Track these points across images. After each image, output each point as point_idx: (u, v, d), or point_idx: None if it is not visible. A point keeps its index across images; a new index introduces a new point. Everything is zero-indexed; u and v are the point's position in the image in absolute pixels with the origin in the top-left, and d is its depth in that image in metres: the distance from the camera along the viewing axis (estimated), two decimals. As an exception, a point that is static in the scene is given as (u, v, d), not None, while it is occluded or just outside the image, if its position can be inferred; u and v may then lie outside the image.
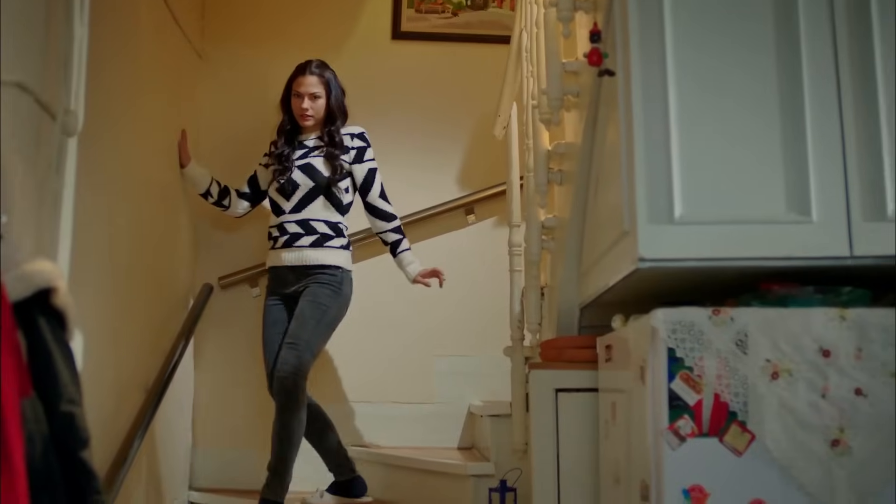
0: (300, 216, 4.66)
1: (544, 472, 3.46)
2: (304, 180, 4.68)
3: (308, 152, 4.77)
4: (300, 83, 4.76)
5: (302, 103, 4.74)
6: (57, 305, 1.95)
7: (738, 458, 2.64)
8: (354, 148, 4.78)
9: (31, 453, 1.68)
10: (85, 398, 1.99)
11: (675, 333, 2.65)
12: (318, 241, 4.63)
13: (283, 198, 4.71)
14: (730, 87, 2.76)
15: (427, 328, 5.53)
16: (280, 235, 4.68)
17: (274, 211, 4.77)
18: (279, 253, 4.68)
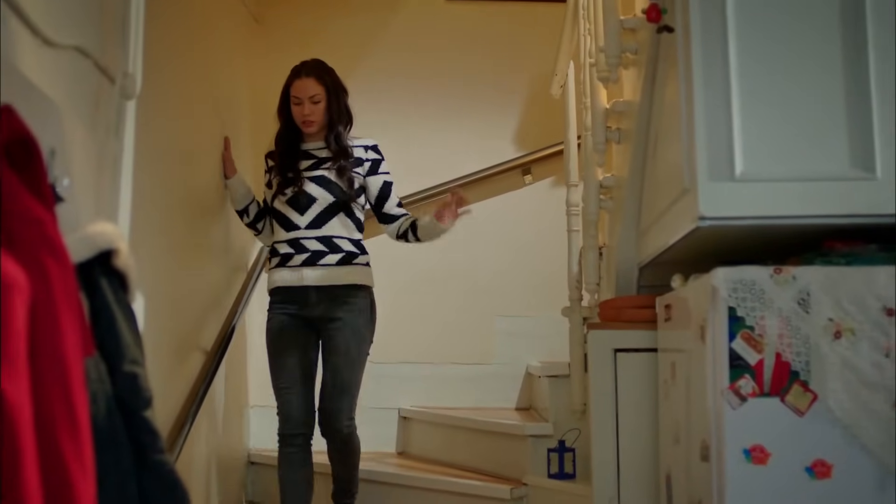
0: (320, 232, 4.18)
1: (603, 432, 3.46)
2: (322, 194, 4.20)
3: (318, 163, 4.28)
4: (297, 87, 4.25)
5: (303, 109, 4.23)
6: (118, 267, 1.97)
7: (800, 417, 2.62)
8: (369, 160, 4.34)
9: (95, 412, 1.70)
10: (146, 359, 2.01)
11: (735, 292, 2.63)
12: (345, 259, 4.18)
13: (295, 211, 4.20)
14: (792, 41, 2.71)
15: (485, 289, 5.53)
16: (297, 252, 4.17)
17: (283, 225, 4.23)
18: (298, 271, 4.15)
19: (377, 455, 5.09)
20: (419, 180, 5.40)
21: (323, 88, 4.24)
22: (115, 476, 1.76)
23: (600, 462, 3.44)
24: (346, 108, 4.34)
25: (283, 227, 4.22)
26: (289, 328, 4.14)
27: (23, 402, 1.40)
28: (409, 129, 5.63)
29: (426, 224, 4.28)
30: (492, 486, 4.33)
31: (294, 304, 4.14)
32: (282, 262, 4.18)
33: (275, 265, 4.21)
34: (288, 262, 4.16)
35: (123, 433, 1.81)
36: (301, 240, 4.17)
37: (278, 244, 4.22)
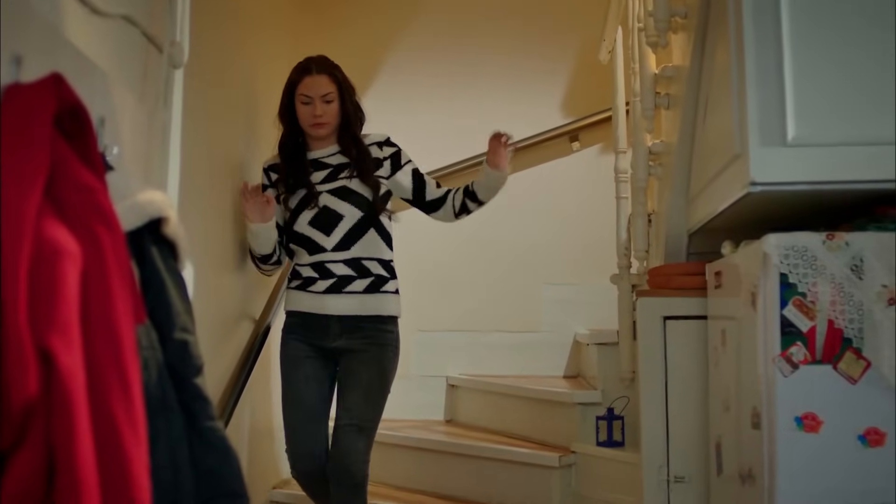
0: (349, 254, 3.67)
1: (652, 400, 3.45)
2: (349, 210, 3.70)
3: (335, 172, 3.77)
4: (308, 85, 3.74)
5: (314, 109, 3.72)
6: (168, 235, 1.98)
7: (853, 385, 2.59)
8: (387, 157, 3.86)
9: (147, 379, 1.71)
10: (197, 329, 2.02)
11: (787, 259, 2.60)
12: (374, 286, 3.68)
13: (320, 232, 3.69)
14: (846, 2, 2.66)
15: (532, 257, 5.51)
16: (321, 278, 3.68)
17: (306, 248, 3.73)
18: (321, 299, 3.68)
19: (425, 423, 5.11)
20: (466, 148, 5.37)
21: (335, 86, 3.75)
22: (167, 442, 1.78)
23: (649, 430, 3.43)
24: (360, 107, 3.87)
25: (306, 250, 3.72)
26: (306, 359, 3.68)
27: (76, 370, 1.41)
28: (455, 99, 5.60)
29: (484, 181, 3.85)
30: (540, 454, 4.33)
31: (313, 333, 3.68)
32: (303, 285, 3.71)
33: (295, 286, 3.75)
34: (310, 286, 3.69)
35: (174, 400, 1.83)
36: (326, 263, 3.68)
37: (301, 267, 3.75)
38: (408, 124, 5.47)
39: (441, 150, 5.36)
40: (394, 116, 5.46)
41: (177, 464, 1.80)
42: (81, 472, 1.36)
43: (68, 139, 1.63)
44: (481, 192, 3.88)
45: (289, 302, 3.78)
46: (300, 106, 3.75)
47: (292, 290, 3.75)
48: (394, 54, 5.62)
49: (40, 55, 1.64)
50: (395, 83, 5.64)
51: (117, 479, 1.44)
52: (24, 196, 1.45)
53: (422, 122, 5.51)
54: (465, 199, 3.90)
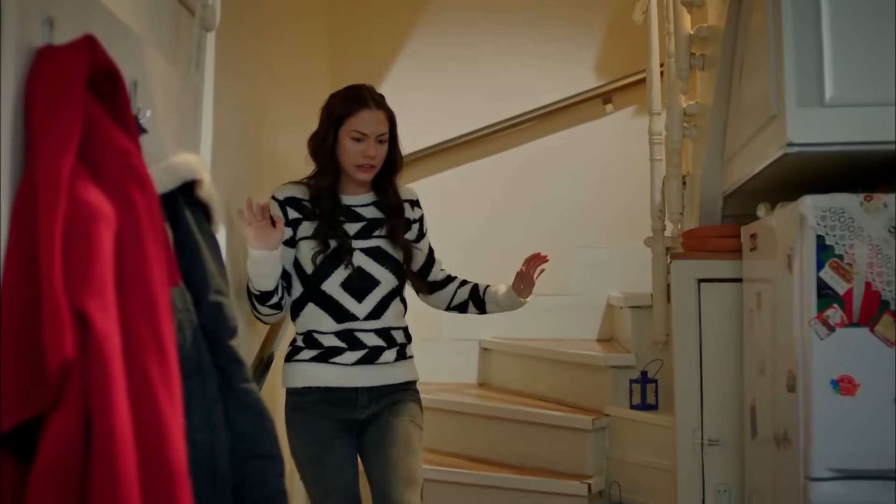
0: (379, 324, 3.16)
1: (686, 363, 3.44)
2: (385, 276, 3.18)
3: (369, 228, 3.21)
4: (364, 121, 3.14)
5: (367, 149, 3.13)
6: (202, 197, 1.98)
7: (890, 348, 2.57)
8: (416, 220, 3.34)
9: (182, 341, 1.72)
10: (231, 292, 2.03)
11: (824, 221, 2.58)
12: (400, 354, 3.22)
13: (352, 297, 3.14)
14: (886, -39, 2.62)
15: (565, 221, 5.48)
16: (350, 348, 3.13)
17: (332, 313, 3.14)
18: (349, 371, 3.13)
19: (458, 386, 5.11)
20: (497, 110, 5.34)
21: (389, 126, 3.21)
22: (202, 403, 1.79)
23: (683, 393, 3.43)
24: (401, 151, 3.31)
25: (332, 316, 3.13)
26: (335, 439, 3.13)
27: (111, 331, 1.41)
28: (484, 60, 5.56)
29: (502, 301, 3.41)
30: (573, 417, 4.33)
31: (337, 408, 3.14)
32: (324, 356, 3.13)
33: (311, 358, 3.15)
34: (334, 357, 3.12)
35: (209, 362, 1.83)
36: (356, 332, 3.14)
37: (321, 335, 3.14)
38: (436, 87, 5.46)
39: (470, 114, 5.34)
40: (422, 79, 5.45)
41: (212, 425, 1.81)
42: (117, 433, 1.37)
43: (101, 101, 1.63)
44: (491, 306, 3.43)
45: (299, 377, 3.16)
46: (348, 141, 3.13)
47: (306, 362, 3.14)
48: (423, 17, 5.58)
49: (73, 17, 1.63)
50: (423, 46, 5.60)
51: (153, 441, 1.44)
52: (59, 159, 1.45)
53: (450, 86, 5.48)
54: (470, 302, 3.43)
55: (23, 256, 1.39)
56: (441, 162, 5.43)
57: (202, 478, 1.73)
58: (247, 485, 1.89)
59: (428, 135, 5.27)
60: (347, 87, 3.22)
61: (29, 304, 1.36)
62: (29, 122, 1.51)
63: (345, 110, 3.15)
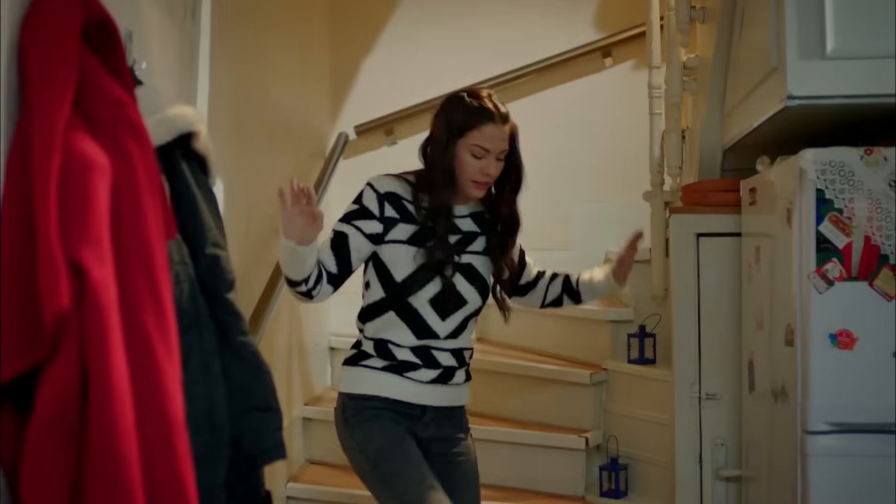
0: (456, 343, 2.90)
1: (684, 317, 3.44)
2: (473, 297, 2.89)
3: (463, 242, 2.90)
4: (488, 136, 2.79)
5: (486, 166, 2.80)
6: (198, 150, 1.97)
7: (889, 302, 2.57)
8: None
9: (179, 294, 1.71)
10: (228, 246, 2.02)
11: (824, 174, 2.57)
12: (467, 374, 2.98)
13: (437, 315, 2.84)
14: None
15: (564, 175, 5.46)
16: (425, 366, 2.85)
17: (413, 326, 2.83)
18: (422, 388, 2.86)
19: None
20: (495, 64, 5.31)
21: (510, 144, 2.89)
22: (199, 356, 1.78)
23: (681, 347, 3.43)
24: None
25: (412, 329, 2.83)
26: (409, 442, 2.86)
27: (108, 283, 1.41)
28: (483, 14, 5.52)
29: (600, 288, 3.10)
30: (571, 371, 4.33)
31: (402, 417, 2.87)
32: (398, 368, 2.85)
33: (383, 367, 2.85)
34: (408, 372, 2.85)
35: (207, 314, 1.83)
36: (433, 351, 2.86)
37: (396, 347, 2.84)
38: (435, 41, 5.42)
39: (469, 68, 5.30)
40: (421, 33, 5.41)
41: (210, 378, 1.81)
42: (114, 385, 1.37)
43: (96, 52, 1.61)
44: (587, 295, 3.10)
45: (367, 384, 2.87)
46: (467, 156, 2.78)
47: (377, 370, 2.85)
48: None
49: (66, -34, 1.62)
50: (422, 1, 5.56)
51: (150, 393, 1.44)
52: (54, 110, 1.44)
53: (449, 40, 5.44)
54: (564, 295, 3.12)
55: (18, 208, 1.39)
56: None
57: (200, 430, 1.73)
58: (245, 437, 1.89)
59: (427, 89, 5.23)
60: (468, 92, 2.84)
61: (25, 256, 1.35)
62: (23, 73, 1.49)
63: (467, 122, 2.78)
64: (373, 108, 5.37)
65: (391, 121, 5.36)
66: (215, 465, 1.79)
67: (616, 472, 4.03)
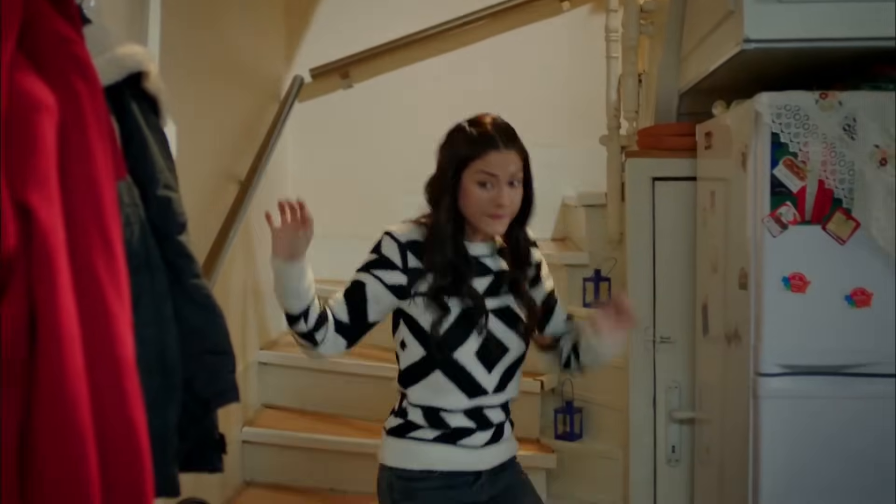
0: (504, 396, 2.54)
1: (640, 261, 3.46)
2: (517, 343, 2.52)
3: (496, 283, 2.53)
4: (494, 162, 2.44)
5: (499, 196, 2.43)
6: (148, 90, 1.93)
7: (842, 246, 2.59)
8: (537, 263, 2.64)
9: (129, 236, 1.69)
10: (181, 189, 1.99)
11: (779, 118, 2.57)
12: (513, 425, 2.63)
13: (484, 368, 2.47)
14: None
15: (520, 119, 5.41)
16: (479, 428, 2.50)
17: (466, 388, 2.46)
18: (477, 454, 2.51)
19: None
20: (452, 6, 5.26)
21: (522, 167, 2.51)
22: (151, 298, 1.76)
23: (636, 291, 3.45)
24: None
25: (463, 389, 2.47)
26: None
27: (55, 224, 1.38)
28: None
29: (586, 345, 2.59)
30: (527, 315, 4.35)
31: (456, 492, 2.54)
32: (452, 437, 2.49)
33: (435, 438, 2.49)
34: (462, 439, 2.50)
35: (158, 257, 1.81)
36: (485, 410, 2.51)
37: (448, 413, 2.49)
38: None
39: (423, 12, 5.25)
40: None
41: (161, 321, 1.79)
42: (63, 327, 1.35)
43: (42, -12, 1.57)
44: (585, 356, 2.62)
45: (419, 458, 2.51)
46: (473, 187, 2.44)
47: (428, 442, 2.50)
48: None
49: None
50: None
51: (100, 335, 1.42)
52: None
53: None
54: (571, 357, 2.66)
55: (-38, 147, 1.36)
56: (393, 61, 5.35)
57: (152, 373, 1.72)
58: (198, 380, 1.88)
59: (383, 32, 5.19)
60: (469, 120, 2.55)
61: (-31, 196, 1.32)
62: (-35, 9, 1.46)
63: (468, 153, 2.46)
64: (329, 51, 5.32)
65: (347, 64, 5.31)
66: (167, 408, 1.78)
67: (571, 414, 4.06)
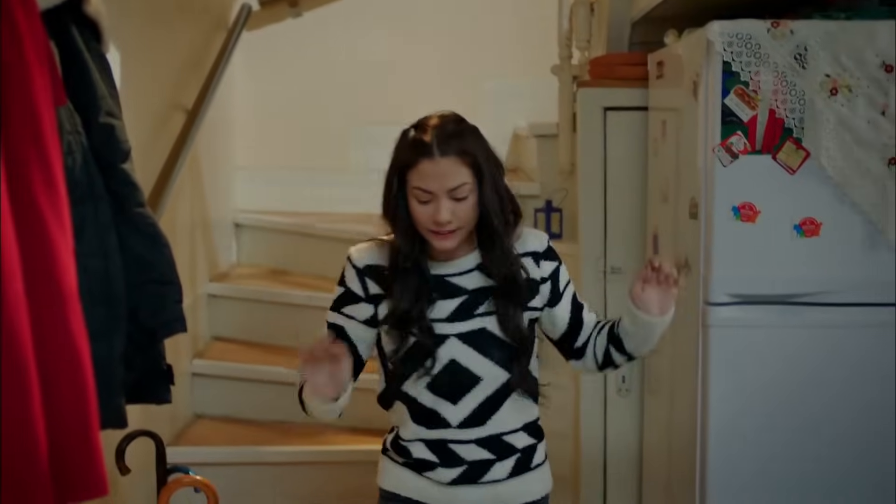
0: (484, 431, 2.22)
1: (591, 192, 3.45)
2: (491, 371, 2.18)
3: (469, 305, 2.19)
4: (425, 174, 2.10)
5: (436, 211, 2.09)
6: (89, 14, 1.88)
7: (791, 175, 2.60)
8: (547, 279, 2.25)
9: (71, 164, 1.66)
10: (126, 119, 1.95)
11: (731, 47, 2.56)
12: (521, 464, 2.26)
13: (445, 401, 2.20)
14: None
15: (473, 50, 5.40)
16: (443, 464, 2.23)
17: (418, 419, 2.22)
18: (448, 492, 2.25)
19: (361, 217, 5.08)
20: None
21: (471, 172, 2.11)
22: (94, 228, 1.73)
23: (587, 222, 3.45)
24: (512, 198, 2.23)
25: (418, 421, 2.23)
26: None
27: (-8, 151, 1.35)
28: None
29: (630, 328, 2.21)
30: (478, 247, 4.33)
31: None
32: (415, 467, 2.26)
33: (401, 462, 2.28)
34: (426, 471, 2.25)
35: (101, 186, 1.77)
36: (451, 444, 2.23)
37: (409, 443, 2.25)
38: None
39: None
40: None
41: (105, 251, 1.76)
42: (2, 256, 1.32)
43: None
44: (629, 342, 2.25)
45: (390, 479, 2.32)
46: (414, 203, 2.13)
47: (398, 465, 2.29)
48: None
49: None
50: None
51: (41, 264, 1.39)
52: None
53: None
54: (609, 347, 2.28)
55: None
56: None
57: (96, 303, 1.69)
58: (143, 310, 1.86)
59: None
60: (416, 122, 2.19)
61: None
62: None
63: (403, 162, 2.14)
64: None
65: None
66: (112, 338, 1.75)
67: (522, 345, 4.06)
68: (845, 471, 2.66)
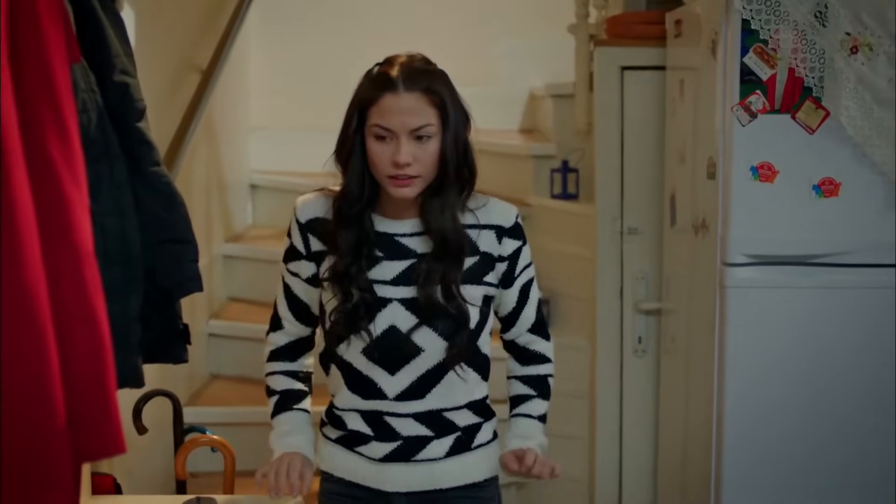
0: (422, 406, 2.09)
1: (607, 152, 3.43)
2: (433, 342, 2.04)
3: (417, 268, 2.03)
4: (387, 110, 1.95)
5: (396, 152, 1.95)
6: (103, -28, 1.87)
7: (810, 135, 2.58)
8: (507, 258, 2.12)
9: (86, 122, 1.65)
10: (140, 78, 1.94)
11: (750, 4, 2.53)
12: (461, 444, 2.13)
13: (381, 369, 2.07)
14: None
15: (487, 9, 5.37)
16: (377, 438, 2.10)
17: (353, 387, 2.10)
18: (378, 469, 2.12)
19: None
20: None
21: (437, 113, 1.97)
22: (109, 186, 1.73)
23: (604, 182, 3.43)
24: (469, 153, 2.05)
25: (353, 389, 2.11)
26: None
27: (8, 110, 1.34)
28: None
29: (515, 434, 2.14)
30: (494, 207, 4.32)
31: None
32: (348, 441, 2.14)
33: (336, 438, 2.16)
34: (358, 445, 2.13)
35: (117, 144, 1.77)
36: (386, 417, 2.10)
37: (343, 412, 2.13)
38: None
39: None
40: None
41: (121, 209, 1.76)
42: (18, 215, 1.31)
43: None
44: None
45: (324, 458, 2.18)
46: (372, 142, 1.98)
47: (331, 442, 2.17)
48: None
49: None
50: None
51: (57, 223, 1.39)
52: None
53: None
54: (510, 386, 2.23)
55: None
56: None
57: (112, 262, 1.69)
58: (160, 269, 1.86)
59: None
60: (385, 59, 2.04)
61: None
62: None
63: (365, 97, 1.99)
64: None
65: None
66: (129, 297, 1.76)
67: (538, 306, 4.06)
68: (862, 429, 2.66)
